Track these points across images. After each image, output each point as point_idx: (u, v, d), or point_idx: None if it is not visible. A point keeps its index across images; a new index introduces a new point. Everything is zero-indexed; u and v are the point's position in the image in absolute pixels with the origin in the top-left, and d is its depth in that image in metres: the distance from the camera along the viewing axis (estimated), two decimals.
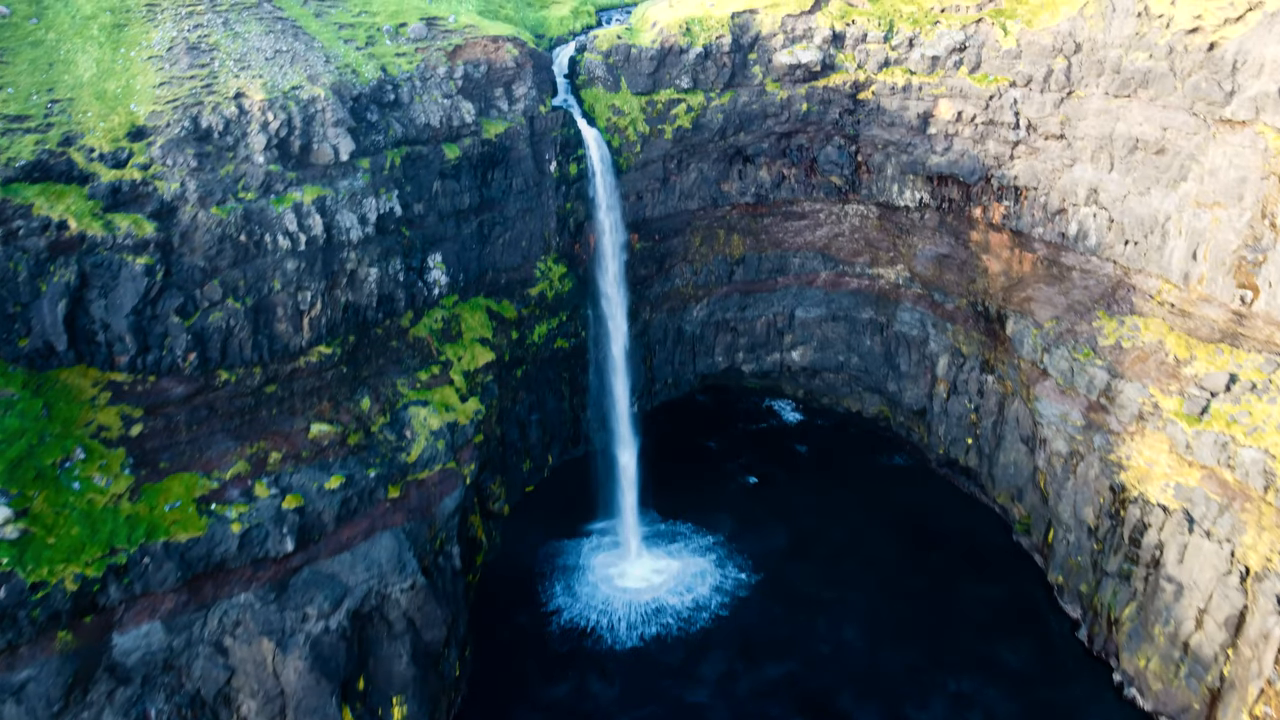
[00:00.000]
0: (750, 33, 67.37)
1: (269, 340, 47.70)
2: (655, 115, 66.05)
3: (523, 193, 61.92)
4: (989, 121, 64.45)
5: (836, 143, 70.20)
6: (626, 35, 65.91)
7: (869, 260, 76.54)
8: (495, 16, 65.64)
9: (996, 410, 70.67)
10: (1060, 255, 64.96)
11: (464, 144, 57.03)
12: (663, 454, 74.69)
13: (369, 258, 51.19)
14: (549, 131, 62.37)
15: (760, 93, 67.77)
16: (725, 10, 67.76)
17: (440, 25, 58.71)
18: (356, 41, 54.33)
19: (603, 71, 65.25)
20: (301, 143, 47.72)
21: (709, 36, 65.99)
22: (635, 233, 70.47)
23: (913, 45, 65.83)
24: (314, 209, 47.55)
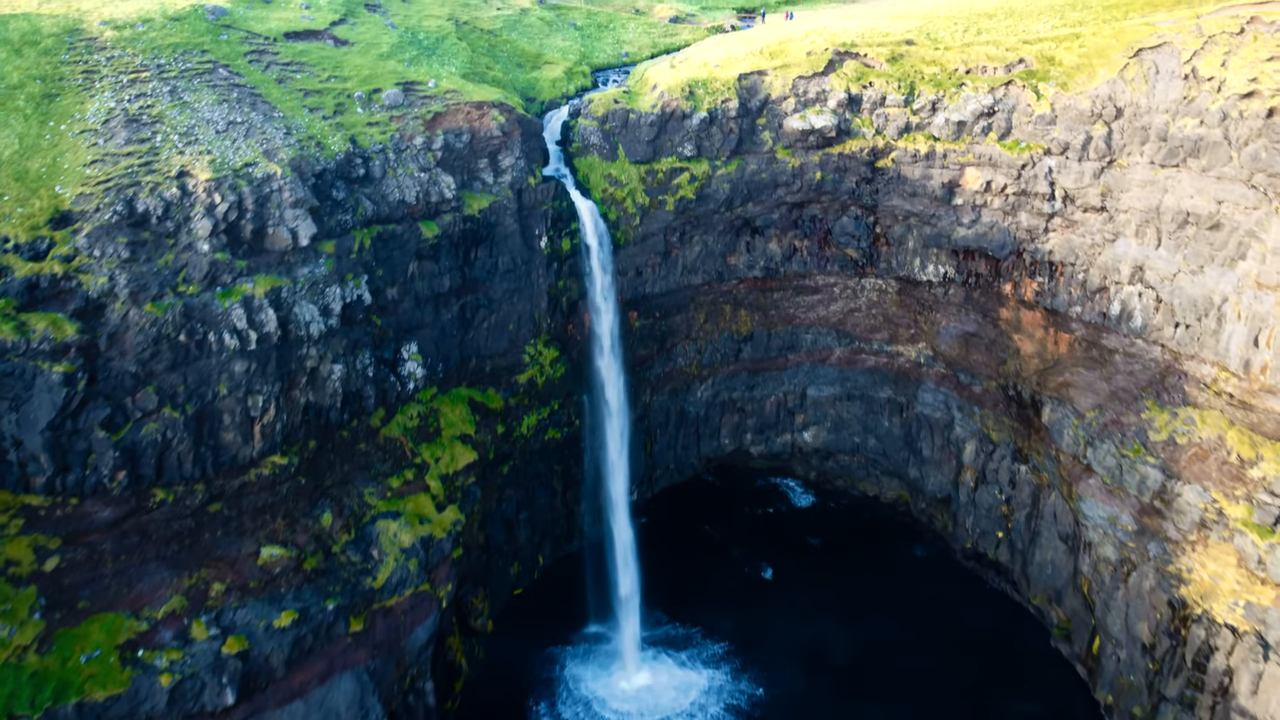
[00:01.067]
0: (759, 96, 62.09)
1: (213, 452, 41.57)
2: (655, 185, 60.52)
3: (510, 272, 56.14)
4: (1021, 192, 58.94)
5: (853, 213, 64.64)
6: (624, 99, 60.59)
7: (887, 337, 70.65)
8: (482, 79, 60.36)
9: (1030, 503, 64.39)
10: (1101, 337, 59.14)
11: (443, 221, 51.34)
12: (664, 544, 68.74)
13: (332, 353, 45.24)
14: (539, 205, 56.74)
15: (770, 161, 62.31)
16: (731, 72, 62.53)
17: (419, 91, 53.29)
18: (324, 110, 48.81)
19: (598, 139, 59.81)
20: (254, 227, 41.99)
21: (714, 100, 60.68)
22: (634, 310, 64.67)
23: (936, 109, 60.50)
24: (267, 302, 41.64)
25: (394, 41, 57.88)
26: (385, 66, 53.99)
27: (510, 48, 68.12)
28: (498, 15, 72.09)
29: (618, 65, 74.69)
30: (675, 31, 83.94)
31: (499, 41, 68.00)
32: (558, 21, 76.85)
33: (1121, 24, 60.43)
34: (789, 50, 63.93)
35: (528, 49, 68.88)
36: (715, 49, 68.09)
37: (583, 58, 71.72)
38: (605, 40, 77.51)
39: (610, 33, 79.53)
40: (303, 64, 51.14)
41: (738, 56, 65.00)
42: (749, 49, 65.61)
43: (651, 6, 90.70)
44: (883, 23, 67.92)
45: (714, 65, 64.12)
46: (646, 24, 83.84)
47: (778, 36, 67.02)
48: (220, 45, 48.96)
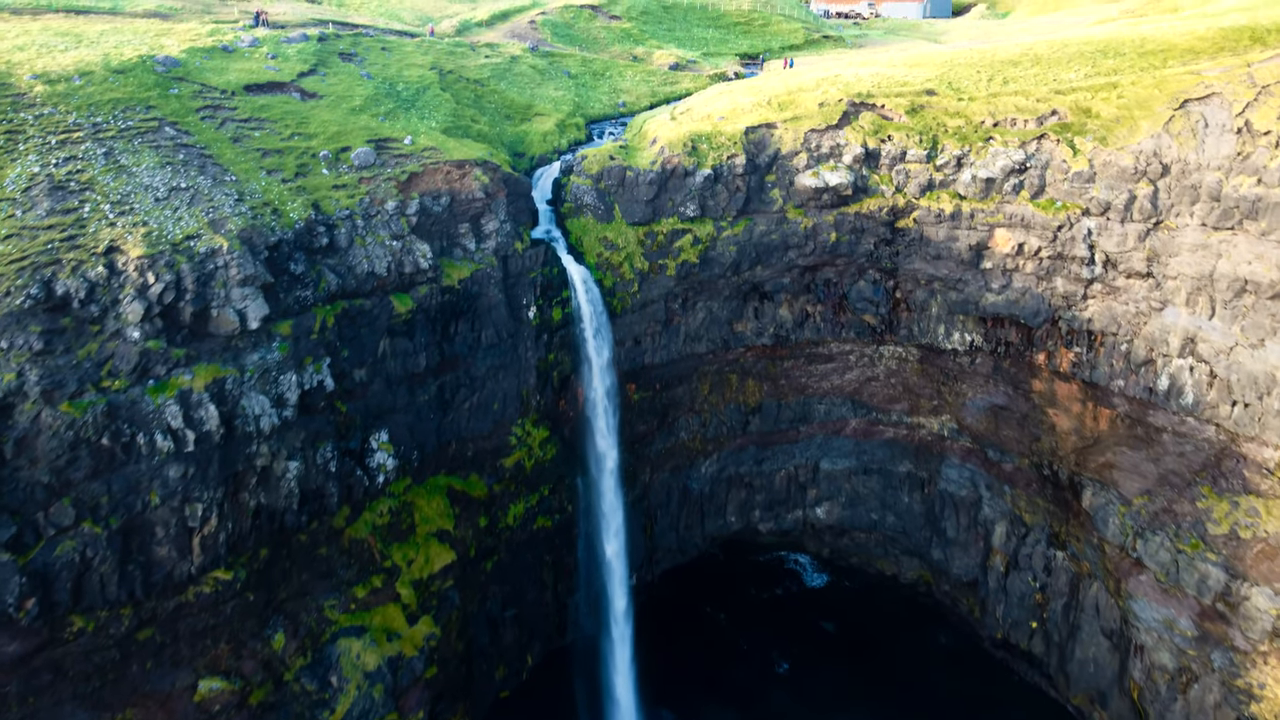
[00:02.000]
0: (768, 151, 57.02)
1: (144, 571, 35.81)
2: (655, 249, 55.23)
3: (494, 347, 50.64)
4: (1057, 255, 53.69)
5: (871, 277, 59.32)
6: (621, 155, 55.47)
7: (907, 408, 65.01)
8: (465, 134, 55.26)
9: (1068, 592, 58.46)
10: (1147, 414, 53.59)
11: (419, 293, 45.91)
12: (666, 632, 63.22)
13: (288, 448, 39.60)
14: (527, 272, 51.40)
15: (780, 221, 57.11)
16: (737, 125, 57.51)
17: (393, 149, 48.12)
18: (284, 172, 43.55)
19: (593, 198, 54.60)
20: (195, 309, 36.51)
21: (719, 156, 55.59)
22: (633, 382, 59.11)
23: (961, 165, 55.40)
24: (208, 396, 36.06)
25: (368, 94, 52.87)
26: (357, 122, 48.88)
27: (498, 98, 63.18)
28: (486, 64, 67.28)
29: (614, 116, 69.78)
30: (675, 79, 79.25)
31: (486, 92, 63.09)
32: (550, 70, 72.10)
33: (1162, 73, 55.57)
34: (800, 101, 59.00)
35: (517, 99, 63.95)
36: (719, 99, 63.17)
37: (576, 108, 66.79)
38: (601, 89, 72.70)
39: (606, 81, 74.78)
40: (263, 120, 46.01)
41: (744, 108, 60.05)
42: (756, 99, 60.69)
43: (650, 53, 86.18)
44: (899, 71, 63.08)
45: (718, 117, 59.14)
46: (645, 72, 79.16)
47: (787, 86, 62.13)
48: (169, 101, 43.83)
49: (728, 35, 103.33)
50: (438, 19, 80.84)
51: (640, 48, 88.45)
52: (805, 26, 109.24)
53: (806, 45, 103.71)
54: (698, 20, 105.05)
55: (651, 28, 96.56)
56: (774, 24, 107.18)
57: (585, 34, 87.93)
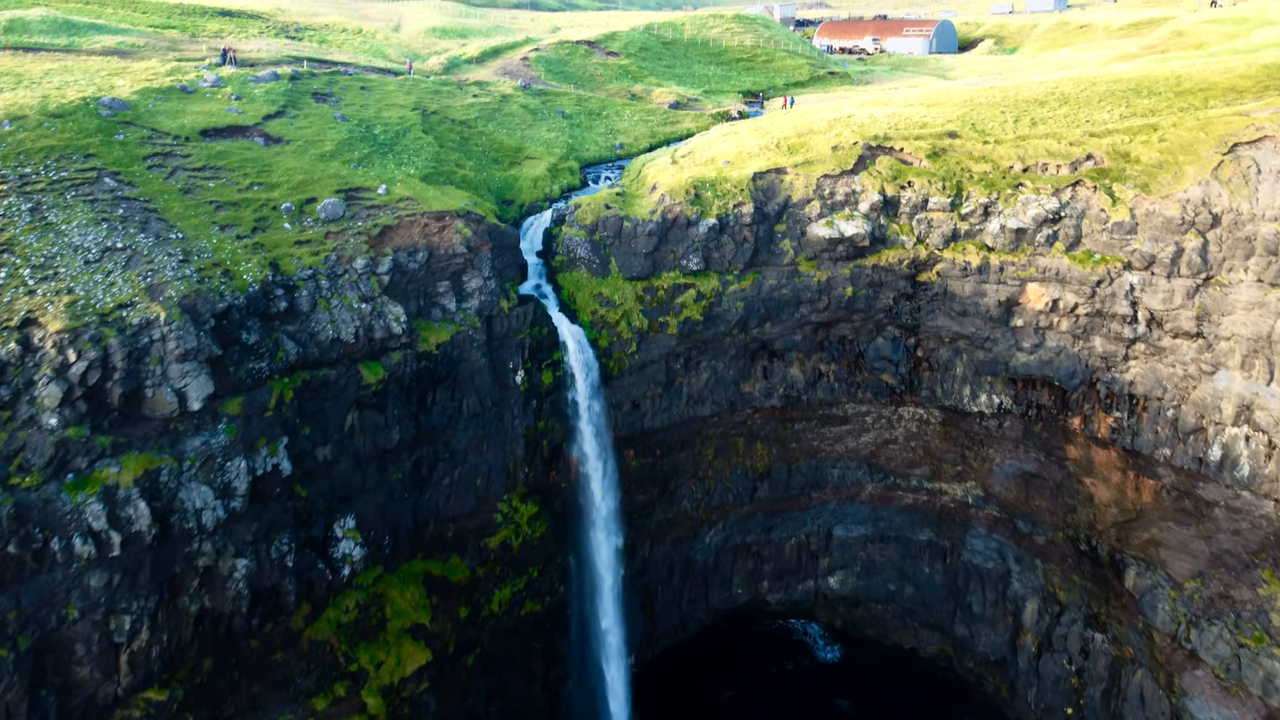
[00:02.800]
0: (777, 198, 52.47)
1: (59, 697, 30.80)
2: (655, 305, 50.50)
3: (477, 416, 45.75)
4: (1096, 313, 48.99)
5: (890, 334, 54.56)
6: (617, 203, 50.87)
7: (928, 473, 60.01)
8: (449, 180, 50.74)
9: (1108, 677, 53.22)
10: (1197, 486, 48.64)
11: (391, 361, 41.06)
12: (668, 715, 58.43)
13: (236, 544, 34.65)
14: (514, 333, 46.62)
15: (792, 274, 52.44)
16: (744, 170, 53.03)
17: (364, 199, 43.51)
18: (239, 228, 38.87)
19: (587, 251, 49.95)
20: (125, 390, 31.66)
21: (724, 204, 51.02)
22: (631, 449, 54.17)
23: (989, 214, 50.84)
24: (138, 491, 31.15)
25: (341, 138, 48.38)
26: (325, 169, 44.31)
27: (486, 141, 58.78)
28: (474, 103, 62.97)
29: (611, 159, 65.41)
30: (676, 119, 75.02)
31: (473, 134, 58.70)
32: (543, 109, 67.82)
33: (1204, 114, 51.18)
34: (811, 144, 54.56)
35: (506, 142, 59.54)
36: (723, 141, 58.76)
37: (570, 151, 62.38)
38: (597, 130, 68.39)
39: (603, 121, 70.51)
40: (219, 169, 41.42)
41: (751, 151, 55.62)
42: (763, 142, 56.26)
43: (649, 91, 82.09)
44: (916, 111, 58.75)
45: (723, 162, 54.67)
46: (644, 111, 74.93)
47: (796, 127, 57.74)
48: (111, 148, 39.25)
49: (730, 72, 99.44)
50: (425, 55, 76.76)
51: (639, 85, 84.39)
52: (810, 63, 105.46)
53: (812, 82, 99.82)
54: (699, 56, 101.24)
55: (650, 64, 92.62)
56: (778, 60, 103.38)
57: (581, 71, 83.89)
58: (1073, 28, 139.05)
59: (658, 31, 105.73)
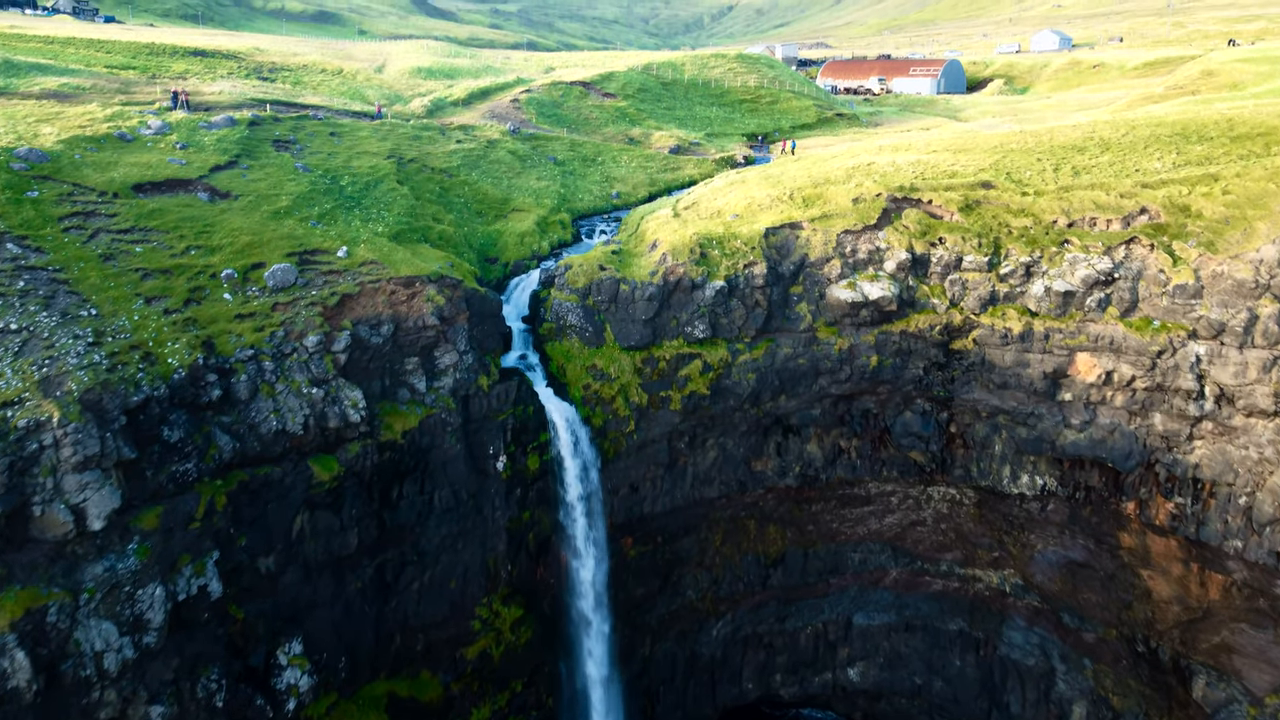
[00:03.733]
0: (792, 257, 46.81)
1: None
2: (656, 378, 44.60)
3: (451, 511, 39.68)
4: (1155, 387, 43.17)
5: (919, 408, 48.67)
6: (613, 264, 45.15)
7: (960, 558, 53.83)
8: (424, 237, 45.08)
9: None
10: (1274, 584, 42.60)
11: (348, 454, 35.09)
12: None
13: (150, 687, 28.56)
14: (494, 414, 40.69)
15: (809, 342, 46.62)
16: (755, 225, 47.42)
17: (321, 264, 37.75)
18: (169, 299, 33.08)
19: (578, 318, 44.15)
20: (5, 509, 25.64)
21: (733, 264, 45.32)
22: (629, 537, 48.06)
23: (1031, 275, 45.15)
24: (15, 639, 25.03)
25: (300, 191, 42.75)
26: (278, 229, 38.61)
27: (469, 191, 53.25)
28: (456, 149, 57.53)
29: (607, 210, 59.87)
30: (677, 164, 69.66)
31: (455, 183, 53.19)
32: (533, 155, 62.39)
33: (1269, 161, 45.76)
34: (829, 196, 49.03)
35: (491, 192, 54.01)
36: (730, 191, 53.26)
37: (562, 201, 56.86)
38: (591, 178, 62.92)
39: (598, 168, 65.08)
40: (150, 230, 35.70)
41: (761, 203, 50.09)
42: (775, 192, 50.75)
43: (648, 135, 76.84)
44: (943, 158, 53.33)
45: (731, 215, 49.11)
46: (642, 156, 69.56)
47: (811, 176, 52.29)
48: (20, 207, 33.56)
49: (733, 114, 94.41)
50: (407, 97, 71.54)
51: (637, 128, 79.17)
52: (816, 104, 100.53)
53: (819, 124, 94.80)
54: (700, 98, 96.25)
55: (649, 106, 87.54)
56: (783, 101, 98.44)
57: (575, 114, 78.72)
58: (1085, 67, 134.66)
59: (657, 72, 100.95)
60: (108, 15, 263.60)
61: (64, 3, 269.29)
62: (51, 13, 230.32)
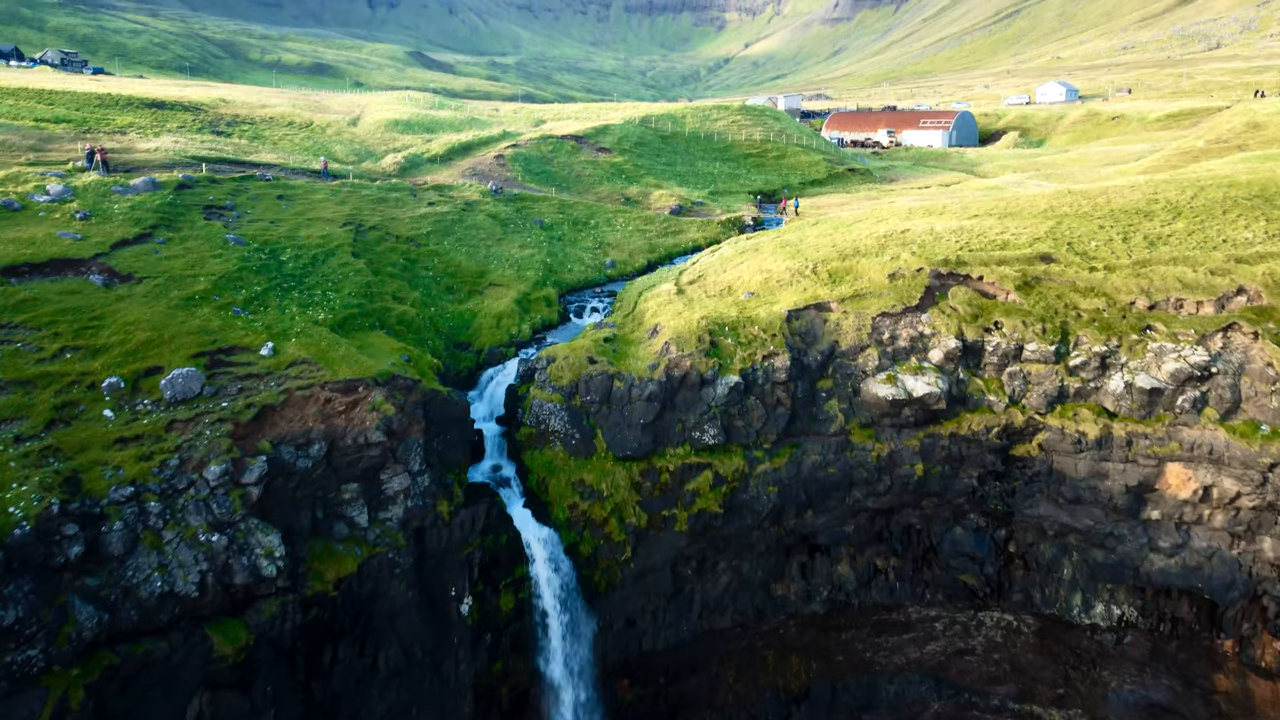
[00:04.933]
0: (820, 345, 39.25)
1: None
2: (658, 494, 36.81)
3: (401, 674, 31.59)
4: (1266, 506, 35.45)
5: (972, 523, 40.82)
6: (605, 355, 37.56)
7: (1016, 692, 45.48)
8: (379, 322, 37.54)
9: None
10: None
11: (260, 616, 27.15)
12: None
13: None
14: (458, 547, 32.81)
15: (841, 447, 38.87)
16: (773, 306, 39.97)
17: (238, 365, 30.12)
18: (25, 422, 25.36)
19: (563, 422, 36.44)
20: None
21: (750, 355, 37.74)
22: (625, 678, 39.85)
23: (1107, 368, 37.59)
24: None
25: (227, 270, 35.26)
26: (188, 321, 31.03)
27: (439, 263, 45.88)
28: (428, 213, 50.26)
29: (599, 282, 52.48)
30: (679, 227, 62.44)
31: (422, 254, 45.84)
32: (516, 219, 55.14)
33: None
34: (860, 270, 41.66)
35: (465, 264, 46.64)
36: (741, 263, 45.96)
37: (548, 273, 49.44)
38: (582, 244, 55.63)
39: (590, 233, 57.85)
40: (15, 327, 28.14)
41: (779, 278, 42.71)
42: (794, 265, 43.40)
43: (647, 194, 69.79)
44: (987, 224, 46.11)
45: (745, 293, 41.70)
46: (640, 218, 62.36)
47: (836, 246, 45.01)
48: None
49: (738, 169, 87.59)
50: (379, 153, 64.53)
51: (634, 187, 72.17)
52: (826, 158, 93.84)
53: (830, 180, 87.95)
54: (702, 152, 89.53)
55: (648, 161, 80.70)
56: (791, 155, 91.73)
57: (566, 171, 71.79)
58: (1103, 119, 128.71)
59: (655, 124, 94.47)
60: (96, 68, 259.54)
61: (52, 54, 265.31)
62: (35, 64, 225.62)
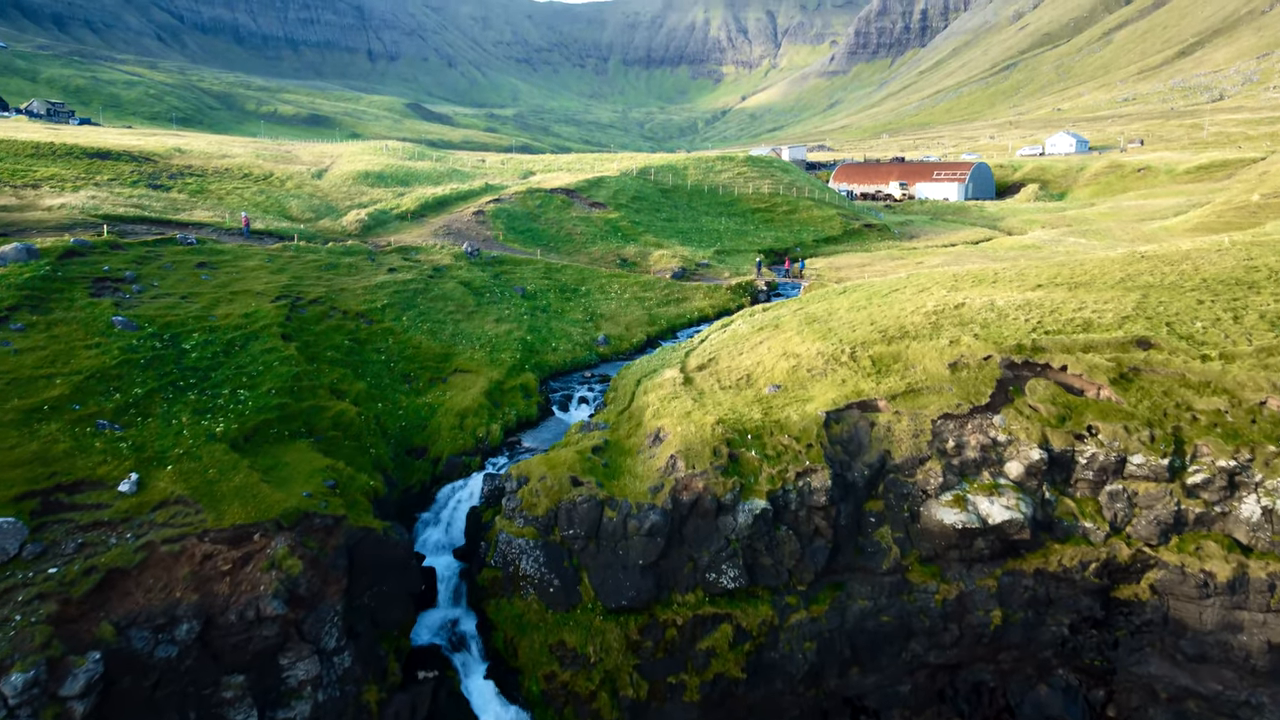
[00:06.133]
0: (867, 456, 30.95)
1: None
2: (662, 655, 28.25)
3: None
4: None
5: (1061, 681, 32.09)
6: (594, 471, 29.23)
7: None
8: (306, 426, 29.24)
9: None
10: None
11: None
12: None
13: None
14: None
15: (898, 588, 30.39)
16: (805, 405, 31.75)
17: (80, 511, 21.48)
18: None
19: (538, 564, 27.97)
20: None
21: (780, 471, 29.43)
22: None
23: (1237, 488, 29.27)
24: None
25: (102, 365, 27.05)
26: (20, 444, 22.75)
27: (394, 344, 37.73)
28: (387, 281, 42.23)
29: (589, 364, 44.27)
30: (683, 294, 54.45)
31: (375, 333, 37.70)
32: (493, 287, 47.11)
33: None
34: (911, 357, 33.55)
35: (427, 345, 38.50)
36: (760, 342, 37.86)
37: (527, 354, 41.27)
38: (571, 315, 47.56)
39: (580, 301, 49.83)
40: None
41: (809, 364, 34.57)
42: (826, 347, 35.30)
43: (645, 254, 61.98)
44: (1057, 296, 38.16)
45: (768, 386, 33.52)
46: (638, 284, 54.39)
47: (874, 321, 36.95)
48: None
49: (746, 225, 79.95)
50: (341, 209, 56.75)
51: (631, 246, 64.37)
52: (841, 213, 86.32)
53: (846, 236, 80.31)
54: (706, 207, 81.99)
55: (647, 218, 73.03)
56: (802, 210, 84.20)
57: (555, 229, 64.04)
58: (1128, 171, 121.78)
59: (655, 177, 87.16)
60: (83, 118, 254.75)
61: (37, 105, 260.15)
62: (15, 114, 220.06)
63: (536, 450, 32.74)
